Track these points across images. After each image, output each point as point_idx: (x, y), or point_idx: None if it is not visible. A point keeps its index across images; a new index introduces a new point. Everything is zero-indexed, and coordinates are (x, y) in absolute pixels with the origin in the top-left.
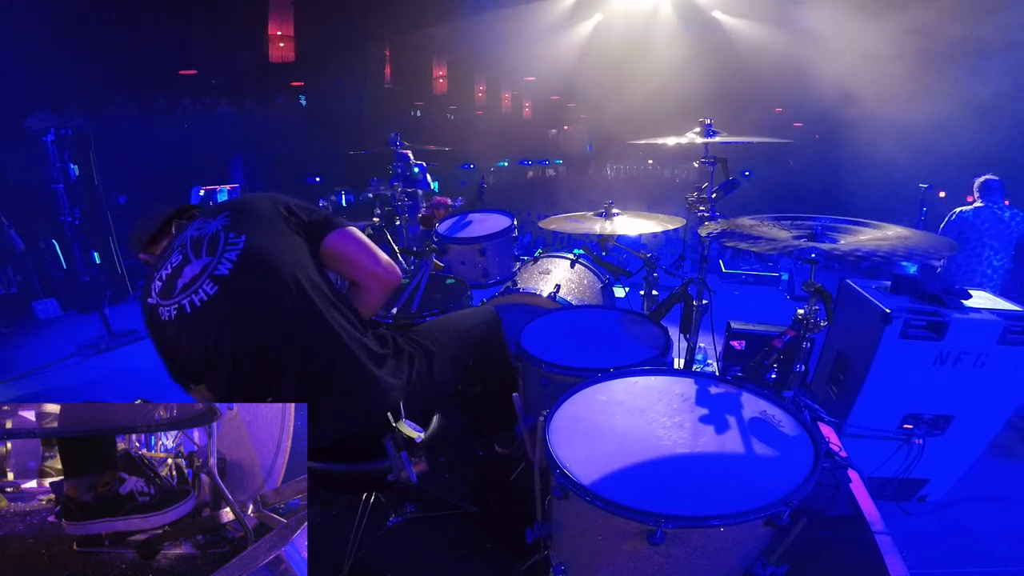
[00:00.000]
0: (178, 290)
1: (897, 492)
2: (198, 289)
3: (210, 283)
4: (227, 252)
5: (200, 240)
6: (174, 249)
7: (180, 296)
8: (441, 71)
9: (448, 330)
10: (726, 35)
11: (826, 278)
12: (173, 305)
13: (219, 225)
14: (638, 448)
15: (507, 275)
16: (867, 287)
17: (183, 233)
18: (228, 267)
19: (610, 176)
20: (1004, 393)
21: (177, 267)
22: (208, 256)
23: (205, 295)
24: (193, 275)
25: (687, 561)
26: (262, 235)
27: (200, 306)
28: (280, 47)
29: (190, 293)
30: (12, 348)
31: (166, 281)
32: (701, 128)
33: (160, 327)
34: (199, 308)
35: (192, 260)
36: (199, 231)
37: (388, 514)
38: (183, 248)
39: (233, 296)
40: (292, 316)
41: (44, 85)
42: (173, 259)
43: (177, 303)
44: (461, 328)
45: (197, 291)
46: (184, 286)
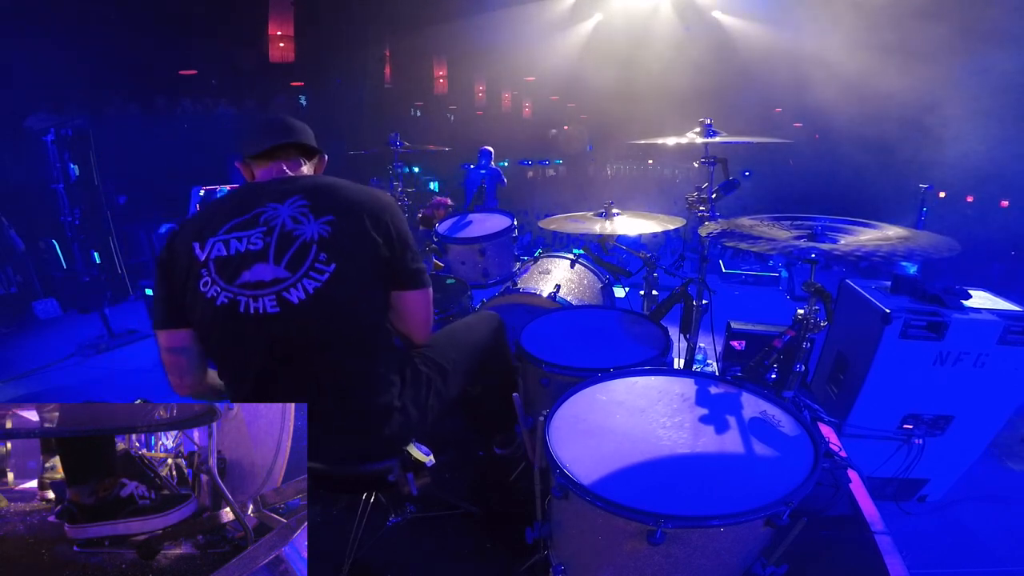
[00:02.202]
0: (240, 281)
1: (897, 492)
2: (260, 298)
3: (274, 302)
4: (309, 277)
5: (290, 240)
6: (259, 222)
7: (239, 289)
8: (441, 71)
9: (459, 345)
10: (726, 35)
11: (826, 278)
12: (226, 293)
13: (316, 232)
14: (638, 448)
15: (507, 275)
16: (867, 287)
17: (279, 208)
18: (301, 296)
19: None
20: (1004, 393)
21: (252, 254)
22: (288, 270)
23: (263, 308)
24: (262, 280)
25: (687, 561)
26: (349, 275)
27: (254, 314)
28: (280, 47)
29: (251, 295)
30: (12, 348)
31: (233, 257)
32: (701, 128)
33: (198, 295)
34: (251, 315)
35: (270, 260)
36: (295, 223)
37: (388, 514)
38: (269, 235)
39: (290, 325)
40: (340, 355)
41: (44, 85)
42: (253, 237)
43: (232, 294)
44: (471, 342)
45: (259, 299)
46: (249, 283)
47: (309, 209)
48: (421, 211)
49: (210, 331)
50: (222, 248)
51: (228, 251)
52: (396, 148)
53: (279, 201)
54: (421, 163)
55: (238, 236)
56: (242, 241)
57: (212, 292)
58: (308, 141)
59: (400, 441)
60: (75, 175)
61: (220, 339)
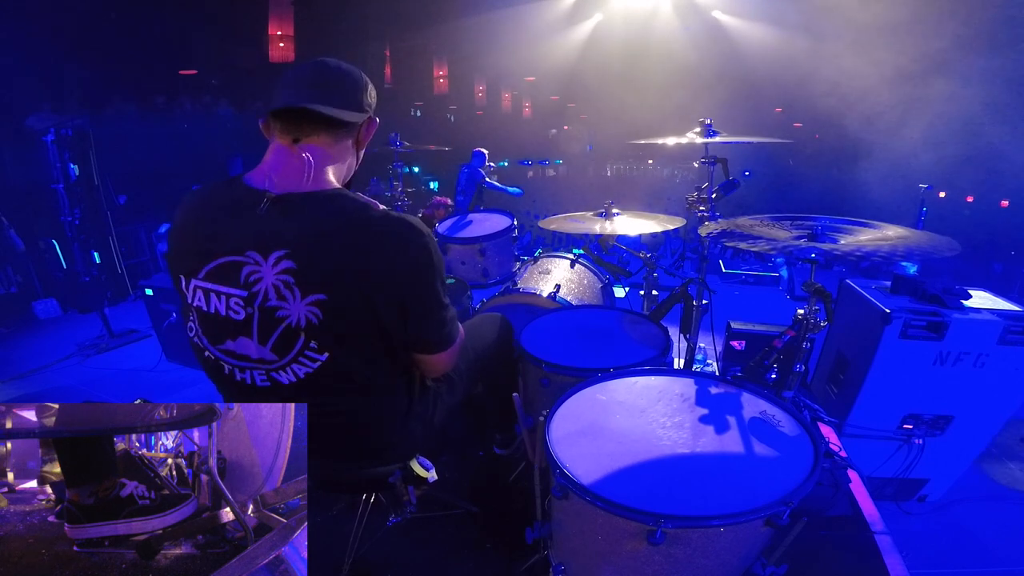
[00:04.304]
0: (225, 347)
1: (897, 492)
2: (248, 371)
3: (264, 378)
4: (299, 363)
5: (274, 321)
6: (240, 281)
7: (224, 356)
8: (441, 71)
9: (466, 352)
10: (726, 35)
11: (826, 278)
12: (211, 352)
13: (303, 317)
14: (638, 448)
15: (507, 275)
16: (867, 287)
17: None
18: (292, 379)
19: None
20: (1004, 393)
21: (234, 324)
22: (275, 354)
23: (252, 380)
24: (248, 356)
25: (687, 561)
26: (345, 360)
27: (240, 382)
28: (280, 47)
29: (237, 364)
30: (12, 348)
31: (215, 317)
32: (701, 128)
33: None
34: (237, 382)
35: (254, 338)
36: (279, 298)
37: (388, 514)
38: (250, 305)
39: (281, 394)
40: (343, 410)
41: (44, 85)
42: (233, 302)
43: (217, 358)
44: (478, 347)
45: (246, 371)
46: (234, 353)
47: (295, 281)
48: (421, 211)
49: (203, 368)
50: (202, 300)
51: (208, 308)
52: (396, 148)
53: (262, 253)
54: (421, 163)
55: (218, 291)
56: (222, 300)
57: (199, 342)
58: (340, 115)
59: (405, 458)
60: (75, 175)
61: (210, 377)
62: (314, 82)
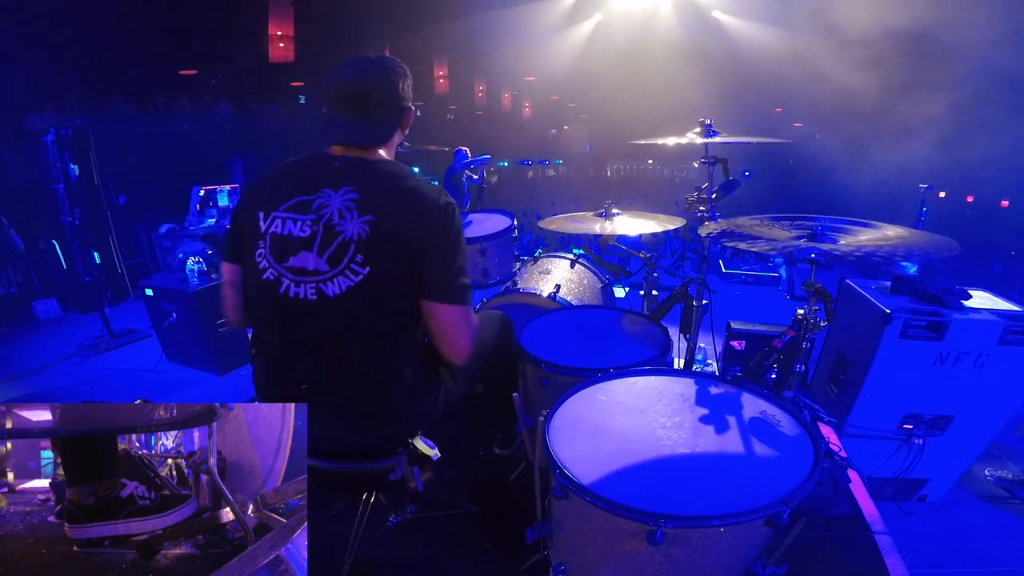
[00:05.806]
0: (288, 264)
1: (897, 492)
2: (302, 284)
3: (313, 291)
4: (344, 275)
5: (333, 235)
6: (311, 209)
7: (284, 272)
8: (441, 71)
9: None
10: (726, 35)
11: (826, 278)
12: (273, 270)
13: (356, 232)
14: (638, 448)
15: (507, 275)
16: (867, 287)
17: (332, 198)
18: (336, 291)
19: (610, 176)
20: (1004, 393)
21: (300, 241)
22: (328, 264)
23: (304, 295)
24: (305, 268)
25: (687, 561)
26: (380, 280)
27: (293, 298)
28: (280, 47)
29: (294, 279)
30: (12, 348)
31: (285, 238)
32: (701, 128)
33: (252, 263)
34: (291, 299)
35: (314, 250)
36: (340, 218)
37: (388, 514)
38: (316, 224)
39: (323, 315)
40: (363, 350)
41: (44, 85)
42: (304, 224)
43: (279, 273)
44: (480, 345)
45: (300, 284)
46: (294, 268)
47: (356, 204)
48: None
49: (255, 301)
50: (279, 226)
51: (283, 231)
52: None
53: (334, 188)
54: (421, 163)
55: (293, 218)
56: (296, 224)
57: (263, 264)
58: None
59: (408, 434)
60: (75, 175)
61: (260, 311)
62: (354, 103)
